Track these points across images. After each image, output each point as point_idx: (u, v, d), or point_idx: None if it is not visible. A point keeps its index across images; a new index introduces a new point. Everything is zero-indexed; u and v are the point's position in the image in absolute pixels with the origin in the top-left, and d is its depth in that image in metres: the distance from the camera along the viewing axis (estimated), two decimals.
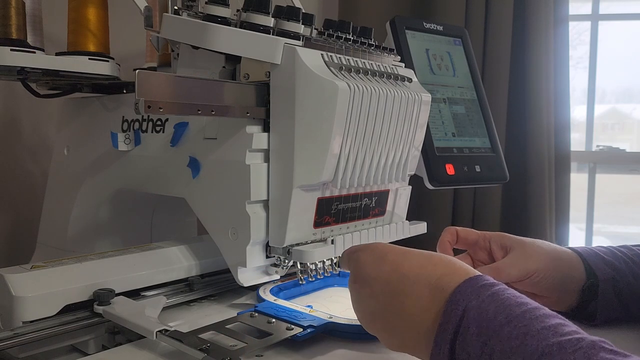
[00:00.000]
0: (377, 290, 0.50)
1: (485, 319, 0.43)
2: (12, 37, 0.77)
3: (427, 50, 0.96)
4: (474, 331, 0.43)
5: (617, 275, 0.67)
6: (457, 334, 0.44)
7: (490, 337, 0.42)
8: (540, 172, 1.31)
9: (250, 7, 0.64)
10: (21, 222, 1.21)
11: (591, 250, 0.70)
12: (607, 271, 0.67)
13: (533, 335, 0.40)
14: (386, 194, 0.78)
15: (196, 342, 0.55)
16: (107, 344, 0.64)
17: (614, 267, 0.67)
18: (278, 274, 0.72)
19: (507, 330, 0.42)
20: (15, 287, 0.59)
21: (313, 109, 0.62)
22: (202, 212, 0.72)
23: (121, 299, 0.65)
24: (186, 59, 0.73)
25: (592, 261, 0.67)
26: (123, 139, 0.81)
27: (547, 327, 0.41)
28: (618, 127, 2.13)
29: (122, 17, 0.94)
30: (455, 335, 0.44)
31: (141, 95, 0.54)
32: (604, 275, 0.66)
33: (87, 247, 0.90)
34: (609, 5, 1.66)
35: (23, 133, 1.23)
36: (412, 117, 0.73)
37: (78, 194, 0.92)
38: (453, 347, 0.44)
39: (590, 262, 0.67)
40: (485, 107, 1.00)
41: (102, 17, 0.85)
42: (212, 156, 0.69)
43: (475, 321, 0.43)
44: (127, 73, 0.91)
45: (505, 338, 0.41)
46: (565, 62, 1.36)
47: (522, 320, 0.42)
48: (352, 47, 0.70)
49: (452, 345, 0.44)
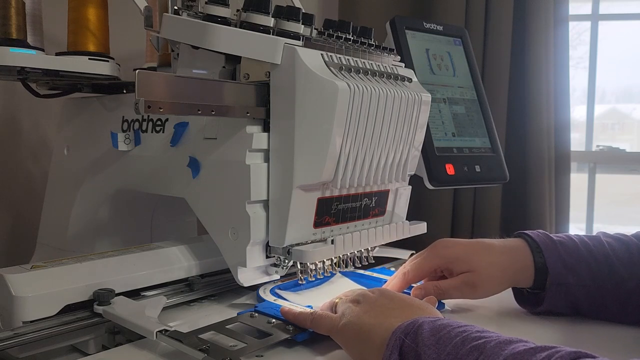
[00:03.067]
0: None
1: (437, 325, 0.49)
2: (12, 37, 0.77)
3: (427, 50, 0.96)
4: (427, 330, 0.49)
5: (573, 279, 0.70)
6: (407, 335, 0.50)
7: (440, 330, 0.48)
8: (540, 172, 1.31)
9: (250, 7, 0.64)
10: (21, 222, 1.21)
11: (555, 249, 0.71)
12: (561, 274, 0.70)
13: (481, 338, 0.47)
14: (386, 194, 0.78)
15: (196, 342, 0.55)
16: (107, 344, 0.64)
17: (573, 271, 0.70)
18: (278, 274, 0.72)
19: (459, 330, 0.48)
20: (15, 287, 0.59)
21: (313, 109, 0.62)
22: (202, 212, 0.72)
23: (121, 299, 0.65)
24: (186, 59, 0.73)
25: (550, 267, 0.70)
26: (123, 139, 0.80)
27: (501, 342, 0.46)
28: (618, 127, 2.12)
29: (122, 17, 0.94)
30: (406, 335, 0.50)
31: (141, 95, 0.54)
32: (555, 280, 0.70)
33: (87, 247, 0.90)
34: (609, 5, 1.66)
35: (23, 133, 1.23)
36: (412, 117, 0.73)
37: (78, 194, 0.92)
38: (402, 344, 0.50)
39: (549, 267, 0.70)
40: (485, 107, 1.00)
41: (102, 17, 0.85)
42: (212, 156, 0.69)
43: (428, 324, 0.50)
44: (127, 73, 0.91)
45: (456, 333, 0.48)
46: (565, 62, 1.35)
47: (475, 330, 0.48)
48: (352, 47, 0.70)
49: (402, 343, 0.50)
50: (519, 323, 0.71)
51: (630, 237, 0.72)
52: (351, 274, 0.84)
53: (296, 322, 0.61)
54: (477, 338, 0.46)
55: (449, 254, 0.73)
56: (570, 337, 0.68)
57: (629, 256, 0.70)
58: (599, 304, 0.70)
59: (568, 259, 0.70)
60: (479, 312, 0.75)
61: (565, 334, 0.68)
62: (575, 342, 0.66)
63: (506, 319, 0.73)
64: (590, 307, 0.71)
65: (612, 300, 0.70)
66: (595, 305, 0.71)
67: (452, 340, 0.47)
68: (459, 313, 0.73)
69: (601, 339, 0.67)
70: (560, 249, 0.71)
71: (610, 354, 0.42)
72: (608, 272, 0.69)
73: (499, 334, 0.47)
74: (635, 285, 0.69)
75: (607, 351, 0.62)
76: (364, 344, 0.53)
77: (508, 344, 0.45)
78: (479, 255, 0.72)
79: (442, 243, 0.75)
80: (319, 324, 0.59)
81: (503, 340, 0.46)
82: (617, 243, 0.72)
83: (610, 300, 0.70)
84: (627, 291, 0.69)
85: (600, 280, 0.70)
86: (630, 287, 0.69)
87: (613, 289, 0.69)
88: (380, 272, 0.85)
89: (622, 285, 0.69)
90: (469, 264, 0.71)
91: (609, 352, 0.61)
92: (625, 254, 0.70)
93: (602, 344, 0.66)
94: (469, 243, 0.74)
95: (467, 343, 0.46)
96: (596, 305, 0.71)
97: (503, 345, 0.45)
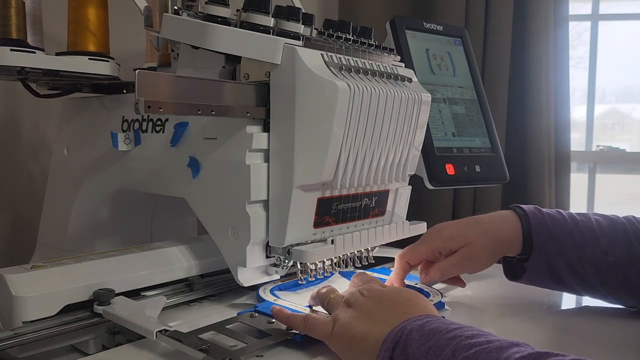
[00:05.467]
0: None
1: (427, 330, 0.49)
2: (12, 37, 0.77)
3: (427, 50, 0.96)
4: (415, 338, 0.48)
5: (555, 247, 0.72)
6: (396, 345, 0.49)
7: (430, 339, 0.48)
8: (540, 172, 1.31)
9: (250, 7, 0.64)
10: (21, 222, 1.21)
11: (542, 218, 0.73)
12: (545, 241, 0.72)
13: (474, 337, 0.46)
14: (386, 194, 0.78)
15: (196, 342, 0.55)
16: (107, 344, 0.64)
17: (556, 239, 0.72)
18: (278, 274, 0.72)
19: (448, 336, 0.47)
20: (15, 287, 0.59)
21: (313, 109, 0.62)
22: (202, 212, 0.72)
23: (121, 299, 0.65)
24: (186, 59, 0.73)
25: (535, 234, 0.72)
26: (123, 139, 0.80)
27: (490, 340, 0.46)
28: (618, 127, 2.12)
29: (122, 17, 0.94)
30: (395, 346, 0.49)
31: (141, 95, 0.54)
32: (538, 246, 0.72)
33: (87, 247, 0.90)
34: (609, 5, 1.66)
35: (23, 133, 1.23)
36: (412, 117, 0.73)
37: (78, 194, 0.92)
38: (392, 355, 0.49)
39: (533, 234, 0.72)
40: (485, 107, 1.00)
41: (102, 17, 0.85)
42: (212, 156, 0.69)
43: (417, 331, 0.49)
44: (127, 73, 0.91)
45: (445, 339, 0.47)
46: (565, 62, 1.36)
47: (465, 330, 0.48)
48: (352, 47, 0.70)
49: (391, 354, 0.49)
50: (519, 322, 0.71)
51: (619, 217, 0.75)
52: (351, 274, 0.83)
53: (288, 324, 0.61)
54: (468, 347, 0.45)
55: (444, 234, 0.76)
56: (571, 335, 0.68)
57: (614, 233, 0.72)
58: (580, 275, 0.72)
59: (553, 228, 0.72)
60: (478, 311, 0.75)
61: (568, 333, 0.68)
62: (578, 341, 0.66)
63: (505, 318, 0.73)
64: (571, 277, 0.72)
65: (593, 273, 0.71)
66: (576, 276, 0.72)
67: (443, 350, 0.46)
68: (458, 312, 0.73)
69: (604, 338, 0.67)
70: (547, 218, 0.73)
71: (613, 354, 0.42)
72: (591, 245, 0.71)
73: (492, 338, 0.46)
74: (616, 260, 0.70)
75: (610, 350, 0.62)
76: (355, 354, 0.54)
77: (501, 351, 0.43)
78: (470, 228, 0.75)
79: (435, 228, 0.78)
80: (312, 330, 0.59)
81: (495, 347, 0.44)
82: (604, 220, 0.74)
83: (591, 273, 0.71)
84: (607, 265, 0.71)
85: (582, 251, 0.71)
86: (611, 261, 0.70)
87: (595, 261, 0.71)
88: (380, 272, 0.85)
89: (604, 258, 0.71)
90: (463, 238, 0.74)
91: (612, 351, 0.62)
92: (611, 230, 0.72)
93: (604, 342, 0.66)
94: (459, 221, 0.78)
95: (458, 354, 0.45)
96: (577, 276, 0.72)
97: (496, 354, 0.43)
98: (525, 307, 0.77)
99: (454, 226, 0.76)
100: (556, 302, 0.81)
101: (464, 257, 0.74)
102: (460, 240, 0.74)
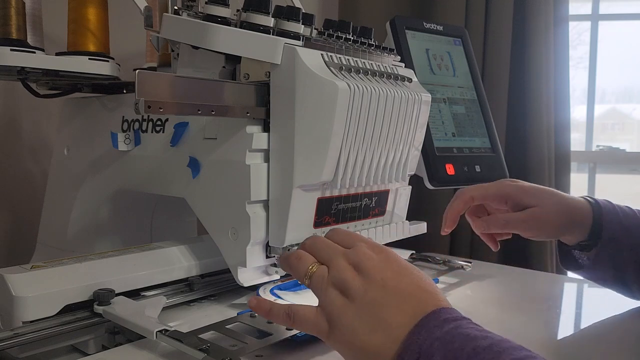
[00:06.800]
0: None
1: (451, 350, 0.40)
2: (12, 37, 0.77)
3: (427, 50, 0.96)
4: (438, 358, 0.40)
5: (626, 238, 0.67)
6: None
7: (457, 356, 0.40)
8: (540, 172, 1.31)
9: (250, 7, 0.64)
10: (21, 222, 1.21)
11: (614, 209, 0.70)
12: (616, 230, 0.68)
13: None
14: (386, 194, 0.78)
15: (196, 342, 0.55)
16: (107, 344, 0.64)
17: (629, 231, 0.68)
18: (278, 274, 0.72)
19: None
20: (15, 287, 0.59)
21: (313, 109, 0.62)
22: (202, 212, 0.72)
23: (121, 299, 0.65)
24: (186, 59, 0.73)
25: (606, 222, 0.68)
26: (123, 139, 0.80)
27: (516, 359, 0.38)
28: (618, 127, 2.13)
29: (122, 17, 0.94)
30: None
31: (141, 95, 0.54)
32: (608, 234, 0.68)
33: (87, 247, 0.90)
34: (609, 5, 1.66)
35: (23, 133, 1.23)
36: (412, 117, 0.73)
37: (78, 194, 0.92)
38: None
39: (603, 223, 0.68)
40: (485, 107, 1.00)
41: (102, 17, 0.85)
42: (212, 156, 0.69)
43: (440, 352, 0.40)
44: (127, 73, 0.90)
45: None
46: (565, 62, 1.36)
47: (489, 352, 0.39)
48: (352, 47, 0.70)
49: None
50: (519, 322, 0.71)
51: None
52: None
53: (270, 318, 0.51)
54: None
55: (520, 185, 0.73)
56: (571, 336, 0.68)
57: None
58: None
59: (625, 220, 0.69)
60: (478, 311, 0.75)
61: (569, 333, 0.68)
62: (579, 341, 0.66)
63: (505, 318, 0.73)
64: (636, 277, 0.68)
65: None
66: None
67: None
68: None
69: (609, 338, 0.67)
70: (619, 211, 0.70)
71: (618, 355, 0.41)
72: None
73: (515, 350, 0.40)
74: None
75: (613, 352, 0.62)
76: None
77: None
78: (546, 193, 0.72)
79: (508, 180, 0.75)
80: (301, 327, 0.50)
81: None
82: None
83: None
84: None
85: None
86: None
87: None
88: None
89: None
90: (538, 199, 0.71)
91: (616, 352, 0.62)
92: None
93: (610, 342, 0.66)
94: (534, 184, 0.75)
95: None
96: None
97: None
98: (525, 307, 0.77)
99: (529, 185, 0.73)
100: (557, 301, 0.81)
101: (534, 216, 0.70)
102: (534, 198, 0.71)
